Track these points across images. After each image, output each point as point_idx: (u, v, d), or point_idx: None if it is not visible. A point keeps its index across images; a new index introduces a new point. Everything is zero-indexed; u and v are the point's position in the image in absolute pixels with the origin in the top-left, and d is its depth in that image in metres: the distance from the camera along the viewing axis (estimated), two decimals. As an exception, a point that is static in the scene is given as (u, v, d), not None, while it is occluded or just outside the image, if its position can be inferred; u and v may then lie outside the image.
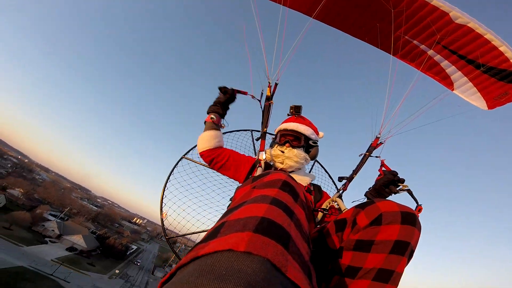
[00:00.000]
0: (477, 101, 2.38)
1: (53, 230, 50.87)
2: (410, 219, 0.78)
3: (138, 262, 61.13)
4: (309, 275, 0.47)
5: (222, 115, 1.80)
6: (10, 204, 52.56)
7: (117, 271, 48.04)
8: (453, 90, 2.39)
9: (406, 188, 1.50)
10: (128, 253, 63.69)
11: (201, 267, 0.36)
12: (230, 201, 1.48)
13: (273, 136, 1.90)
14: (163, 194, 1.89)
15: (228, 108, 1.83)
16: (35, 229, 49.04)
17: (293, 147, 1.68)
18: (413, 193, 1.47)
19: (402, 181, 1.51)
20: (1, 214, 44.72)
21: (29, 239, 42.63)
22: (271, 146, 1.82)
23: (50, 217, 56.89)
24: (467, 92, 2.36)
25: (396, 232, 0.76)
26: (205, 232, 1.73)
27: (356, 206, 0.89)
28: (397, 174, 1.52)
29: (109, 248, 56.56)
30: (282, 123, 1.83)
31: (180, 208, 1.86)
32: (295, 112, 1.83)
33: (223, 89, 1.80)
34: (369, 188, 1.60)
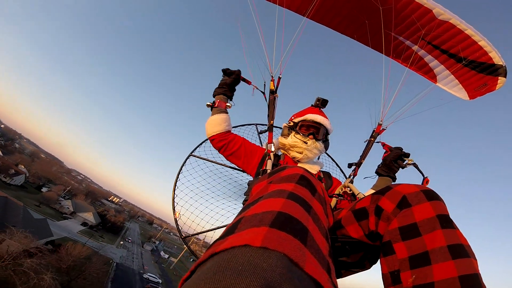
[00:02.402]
0: (459, 92, 2.50)
1: (68, 208, 56.61)
2: (432, 194, 0.77)
3: (129, 239, 67.80)
4: (328, 269, 0.46)
5: (230, 97, 1.79)
6: (25, 183, 57.19)
7: (121, 243, 56.89)
8: (436, 83, 2.50)
9: (412, 162, 1.57)
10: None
11: (218, 263, 0.36)
12: (245, 196, 1.52)
13: (288, 123, 1.85)
14: (174, 194, 1.88)
15: (234, 90, 1.82)
16: (53, 207, 54.14)
17: (317, 140, 1.70)
18: (418, 166, 1.53)
19: (408, 155, 1.59)
20: (30, 194, 51.15)
21: (55, 215, 49.40)
22: (282, 134, 1.82)
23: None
24: (449, 84, 2.48)
25: (430, 208, 0.74)
26: (218, 229, 1.81)
27: (373, 194, 0.89)
28: (403, 149, 1.61)
29: (107, 224, 64.75)
30: (305, 112, 1.79)
31: (192, 206, 1.87)
32: (322, 105, 1.82)
33: (227, 71, 1.78)
34: (378, 166, 1.67)
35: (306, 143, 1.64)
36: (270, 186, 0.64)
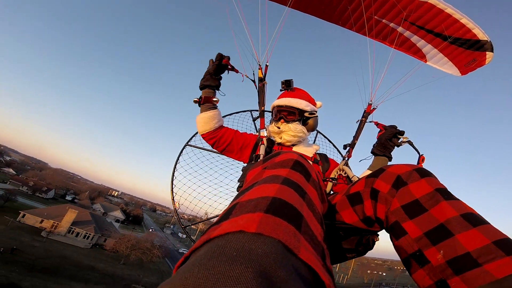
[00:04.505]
0: (451, 69, 2.51)
1: (99, 210, 67.30)
2: (425, 172, 0.77)
3: (152, 228, 76.89)
4: (323, 255, 0.45)
5: (217, 86, 1.74)
6: (55, 196, 67.51)
7: (150, 230, 68.65)
8: (426, 61, 2.52)
9: (407, 139, 1.56)
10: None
11: (212, 249, 0.35)
12: (239, 183, 1.52)
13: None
14: (172, 184, 1.90)
15: (220, 78, 1.76)
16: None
17: (288, 121, 1.68)
18: (413, 143, 1.53)
19: (402, 133, 1.58)
20: (64, 204, 58.36)
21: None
22: (271, 123, 1.83)
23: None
24: (439, 62, 2.49)
25: (426, 184, 0.73)
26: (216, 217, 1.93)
27: (367, 178, 0.88)
28: (397, 127, 1.61)
29: (130, 217, 76.39)
30: (276, 99, 1.83)
31: (191, 195, 1.91)
32: (286, 86, 1.82)
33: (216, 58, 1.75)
34: (373, 146, 1.65)
35: (279, 127, 1.68)
36: (265, 172, 0.64)
